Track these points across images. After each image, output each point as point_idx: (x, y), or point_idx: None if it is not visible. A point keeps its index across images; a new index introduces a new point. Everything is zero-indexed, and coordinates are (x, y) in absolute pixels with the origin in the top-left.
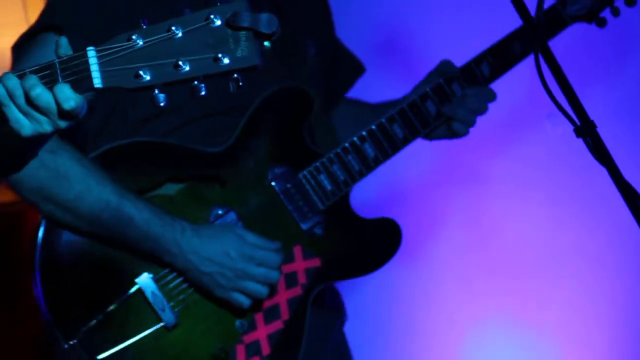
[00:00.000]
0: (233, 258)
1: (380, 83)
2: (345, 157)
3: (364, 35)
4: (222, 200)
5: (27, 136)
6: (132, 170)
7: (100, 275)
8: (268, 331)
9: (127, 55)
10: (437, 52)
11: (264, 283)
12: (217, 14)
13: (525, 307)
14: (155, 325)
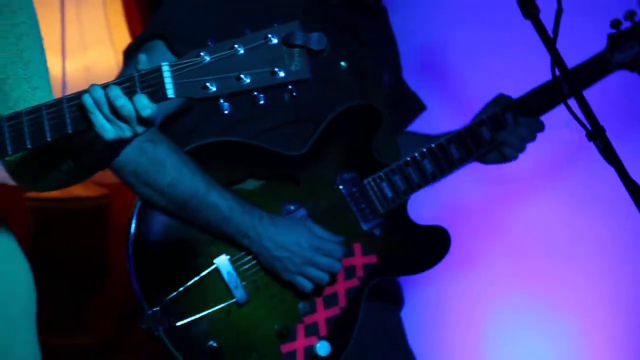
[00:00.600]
0: (303, 247)
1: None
2: (406, 170)
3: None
4: (295, 198)
5: (110, 140)
6: (220, 165)
7: (184, 253)
8: (326, 315)
9: (196, 70)
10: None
11: (326, 271)
12: (274, 34)
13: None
14: (228, 301)
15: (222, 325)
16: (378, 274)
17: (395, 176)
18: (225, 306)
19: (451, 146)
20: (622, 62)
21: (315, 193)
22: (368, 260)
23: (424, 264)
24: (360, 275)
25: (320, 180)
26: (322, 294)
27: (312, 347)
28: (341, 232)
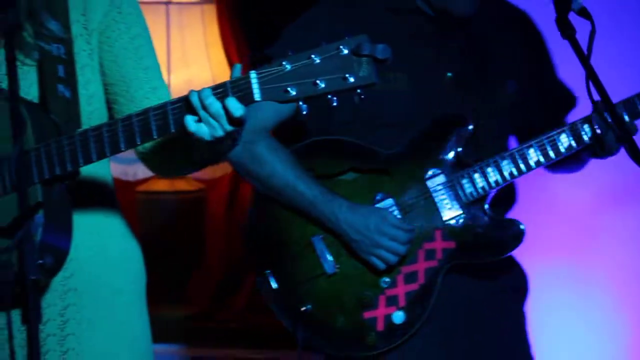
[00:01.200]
0: (371, 230)
1: None
2: (485, 169)
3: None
4: (386, 189)
5: (209, 140)
6: (332, 158)
7: (287, 231)
8: (406, 290)
9: (279, 76)
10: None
11: (393, 253)
12: (344, 45)
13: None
14: (319, 272)
15: (314, 293)
16: (455, 258)
17: (475, 174)
18: (317, 276)
19: (530, 149)
20: None
21: (404, 186)
22: (447, 245)
23: (497, 252)
24: (439, 258)
25: (410, 176)
26: (403, 272)
27: (390, 315)
28: (423, 220)
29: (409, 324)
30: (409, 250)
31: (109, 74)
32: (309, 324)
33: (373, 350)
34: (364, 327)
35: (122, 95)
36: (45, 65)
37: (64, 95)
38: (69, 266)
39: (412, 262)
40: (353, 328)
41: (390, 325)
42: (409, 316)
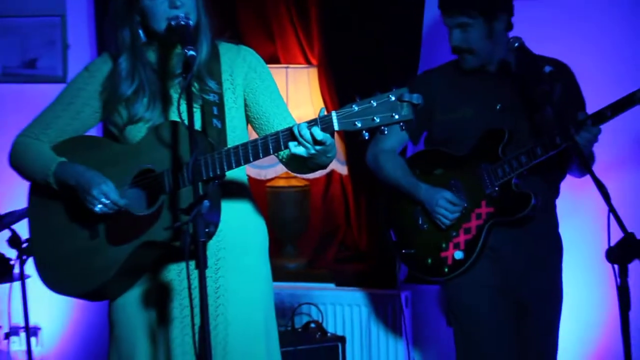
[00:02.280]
0: (436, 204)
1: None
2: (511, 161)
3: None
4: (456, 177)
5: (306, 156)
6: (430, 161)
7: (401, 208)
8: (465, 238)
9: (350, 114)
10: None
11: (446, 218)
12: (392, 94)
13: None
14: (418, 229)
15: (415, 241)
16: (494, 217)
17: (505, 165)
18: (417, 232)
19: (537, 148)
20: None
21: (467, 174)
22: (489, 210)
23: (517, 212)
24: (484, 218)
25: (471, 167)
26: (462, 227)
27: (455, 254)
28: (474, 193)
29: (465, 260)
30: (463, 214)
31: (253, 111)
32: (409, 259)
33: (447, 276)
34: (441, 262)
35: (264, 124)
36: (206, 107)
37: (217, 126)
38: (220, 233)
39: (468, 221)
40: (434, 263)
41: (455, 261)
42: (465, 255)
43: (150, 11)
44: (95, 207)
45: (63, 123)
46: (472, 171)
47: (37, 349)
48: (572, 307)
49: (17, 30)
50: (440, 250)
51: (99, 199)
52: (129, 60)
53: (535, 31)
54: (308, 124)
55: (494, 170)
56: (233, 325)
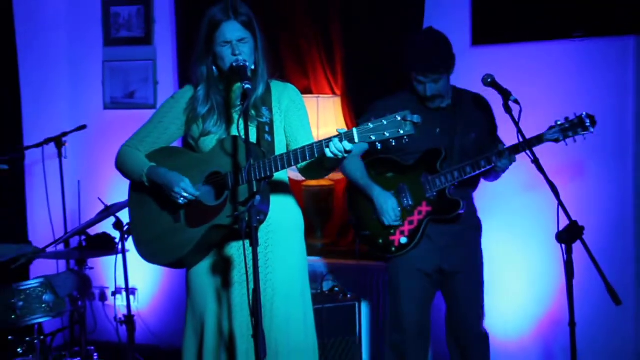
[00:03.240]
0: (382, 206)
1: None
2: (446, 175)
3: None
4: (404, 181)
5: (334, 160)
6: (383, 166)
7: (361, 202)
8: (408, 228)
9: (367, 130)
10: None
11: (389, 220)
12: (399, 115)
13: None
14: (373, 218)
15: (370, 225)
16: (431, 214)
17: (442, 176)
18: (372, 220)
19: (467, 167)
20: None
21: (412, 179)
22: (428, 209)
23: (450, 213)
24: (424, 214)
25: (415, 175)
26: (407, 219)
27: (400, 239)
28: (418, 195)
29: (409, 244)
30: (408, 210)
31: (288, 130)
32: (365, 239)
33: (394, 254)
34: (390, 243)
35: (292, 141)
36: (260, 126)
37: (268, 140)
38: (268, 219)
39: (411, 215)
40: (385, 244)
41: (400, 244)
42: (409, 239)
43: (220, 55)
44: (178, 199)
45: (154, 137)
46: (415, 178)
47: (134, 304)
48: (530, 278)
49: (122, 71)
50: (389, 234)
51: (180, 193)
52: (205, 88)
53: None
54: (335, 137)
55: (432, 180)
56: (278, 288)
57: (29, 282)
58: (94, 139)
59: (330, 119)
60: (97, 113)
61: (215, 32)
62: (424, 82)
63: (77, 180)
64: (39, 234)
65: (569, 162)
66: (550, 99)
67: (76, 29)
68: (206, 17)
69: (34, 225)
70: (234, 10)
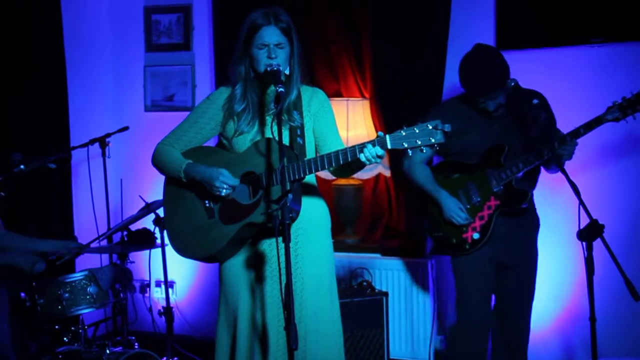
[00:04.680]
0: (450, 208)
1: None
2: (511, 167)
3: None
4: (471, 180)
5: (366, 164)
6: (449, 168)
7: (430, 205)
8: (480, 223)
9: (399, 137)
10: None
11: (457, 221)
12: (430, 123)
13: None
14: (444, 218)
15: (443, 227)
16: (501, 207)
17: (507, 169)
18: (443, 221)
19: (530, 156)
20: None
21: (479, 177)
22: (496, 202)
23: (519, 203)
24: (493, 208)
25: (481, 172)
26: (477, 215)
27: (473, 235)
28: (486, 191)
29: (481, 239)
30: (477, 206)
31: (317, 133)
32: (439, 240)
33: (468, 251)
34: (463, 241)
35: (321, 143)
36: (292, 129)
37: (300, 142)
38: (298, 218)
39: (481, 211)
40: (459, 242)
41: (473, 240)
42: (481, 234)
43: (255, 57)
44: (221, 192)
45: (190, 136)
46: (481, 175)
47: (172, 297)
48: (552, 274)
49: (162, 75)
50: (462, 232)
51: (222, 186)
52: (242, 87)
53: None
54: (368, 143)
55: (498, 174)
56: (307, 282)
57: (74, 274)
58: (136, 140)
59: (360, 122)
60: (138, 115)
61: (254, 35)
62: (484, 101)
63: (120, 179)
64: (83, 229)
65: (589, 161)
66: (570, 104)
67: (120, 36)
68: (247, 21)
69: (79, 221)
70: (275, 17)
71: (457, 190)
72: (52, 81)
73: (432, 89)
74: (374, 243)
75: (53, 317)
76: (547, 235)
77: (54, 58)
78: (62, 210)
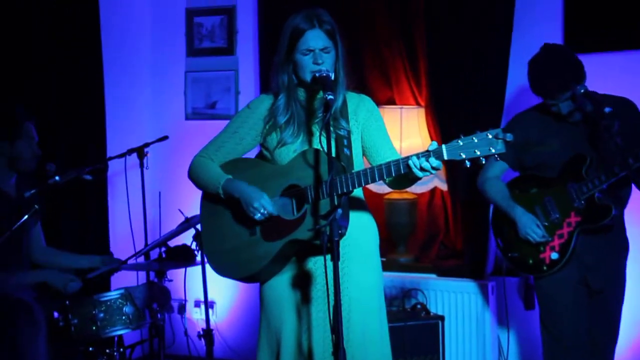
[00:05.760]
0: (526, 225)
1: None
2: (593, 180)
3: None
4: (549, 194)
5: (421, 176)
6: (526, 182)
7: (503, 221)
8: (559, 242)
9: (457, 147)
10: None
11: (534, 239)
12: (490, 133)
13: None
14: (519, 237)
15: (518, 247)
16: (582, 224)
17: (588, 182)
18: (518, 240)
19: (615, 167)
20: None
21: (558, 192)
22: (577, 219)
23: (602, 220)
24: (574, 225)
25: (560, 186)
26: (556, 233)
27: (551, 255)
28: (566, 206)
29: (560, 259)
30: (556, 223)
31: (367, 143)
32: (514, 261)
33: (546, 272)
34: (541, 261)
35: (374, 153)
36: (338, 139)
37: (347, 153)
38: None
39: (560, 228)
40: (535, 263)
41: (552, 260)
42: (560, 254)
43: (300, 64)
44: (255, 215)
45: (229, 147)
46: (561, 189)
47: (213, 318)
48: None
49: (203, 81)
50: (539, 252)
51: (259, 210)
52: (285, 97)
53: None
54: (426, 157)
55: (579, 188)
56: (355, 303)
57: (109, 293)
58: (175, 150)
59: (414, 131)
60: (178, 123)
61: (298, 41)
62: (556, 104)
63: (158, 191)
64: (120, 244)
65: None
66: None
67: (160, 39)
68: (288, 26)
69: (115, 236)
70: (318, 19)
71: (534, 206)
72: (88, 87)
73: (493, 96)
74: (428, 262)
75: (87, 337)
76: (636, 261)
77: (90, 62)
78: (97, 224)
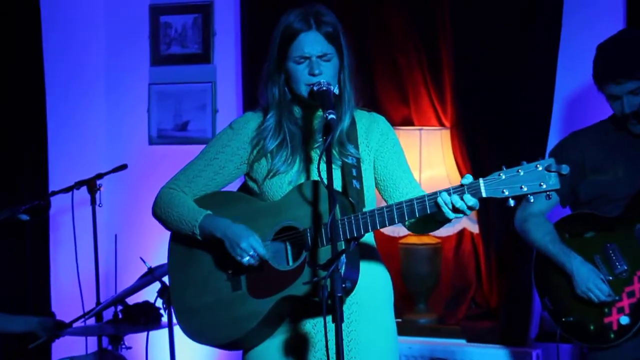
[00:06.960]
0: (586, 281)
1: None
2: None
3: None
4: (612, 240)
5: (451, 218)
6: (578, 222)
7: (553, 273)
8: (629, 302)
9: (497, 182)
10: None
11: (596, 295)
12: (539, 164)
13: None
14: (573, 295)
15: (573, 309)
16: None
17: None
18: (572, 298)
19: None
20: None
21: (622, 235)
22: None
23: None
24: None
25: (626, 229)
26: (625, 290)
27: (620, 319)
28: (636, 255)
29: (632, 325)
30: (625, 278)
31: (381, 173)
32: (570, 328)
33: (614, 342)
34: (606, 328)
35: (390, 186)
36: (345, 169)
37: (356, 186)
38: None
39: (630, 284)
40: (598, 330)
41: (620, 326)
42: (632, 319)
43: (293, 75)
44: (243, 259)
45: (206, 177)
46: (627, 232)
47: None
48: None
49: (173, 96)
50: (603, 315)
51: (247, 252)
52: (276, 115)
53: None
54: (460, 193)
55: None
56: None
57: None
58: (136, 182)
59: (437, 158)
60: (140, 149)
61: (290, 45)
62: (619, 96)
63: (114, 234)
64: (64, 303)
65: None
66: None
67: (116, 43)
68: (280, 26)
69: (58, 291)
70: (316, 19)
71: (593, 255)
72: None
73: (536, 115)
74: (456, 324)
75: None
76: None
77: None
78: (35, 277)
